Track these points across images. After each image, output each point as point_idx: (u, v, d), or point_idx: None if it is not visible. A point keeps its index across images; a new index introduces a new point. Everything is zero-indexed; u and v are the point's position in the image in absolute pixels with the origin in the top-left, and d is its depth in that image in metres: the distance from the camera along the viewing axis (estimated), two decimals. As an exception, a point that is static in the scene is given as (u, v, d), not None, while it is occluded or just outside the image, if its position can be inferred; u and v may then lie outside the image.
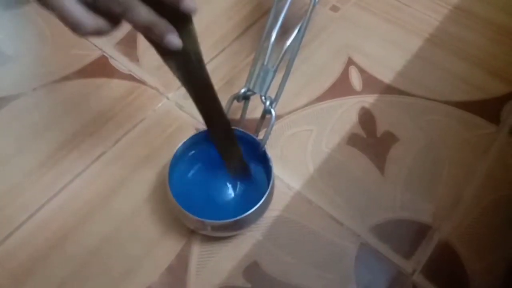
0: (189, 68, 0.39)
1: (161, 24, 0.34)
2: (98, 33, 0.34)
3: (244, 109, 0.51)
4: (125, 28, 0.36)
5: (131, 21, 0.34)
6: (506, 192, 0.50)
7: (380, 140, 0.53)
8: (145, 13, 0.33)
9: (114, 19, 0.34)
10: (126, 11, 0.33)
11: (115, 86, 0.57)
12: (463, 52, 0.62)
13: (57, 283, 0.44)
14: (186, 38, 0.36)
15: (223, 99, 0.48)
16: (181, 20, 0.36)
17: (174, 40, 0.35)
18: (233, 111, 0.50)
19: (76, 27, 0.32)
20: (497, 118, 0.55)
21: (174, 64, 0.38)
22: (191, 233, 0.46)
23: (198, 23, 0.37)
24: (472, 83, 0.59)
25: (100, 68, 0.59)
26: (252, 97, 0.50)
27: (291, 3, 0.51)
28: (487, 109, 0.56)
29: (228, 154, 0.46)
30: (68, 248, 0.46)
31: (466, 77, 0.59)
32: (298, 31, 0.50)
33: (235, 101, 0.49)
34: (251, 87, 0.48)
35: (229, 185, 0.48)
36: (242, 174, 0.47)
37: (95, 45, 0.61)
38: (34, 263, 0.44)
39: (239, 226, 0.44)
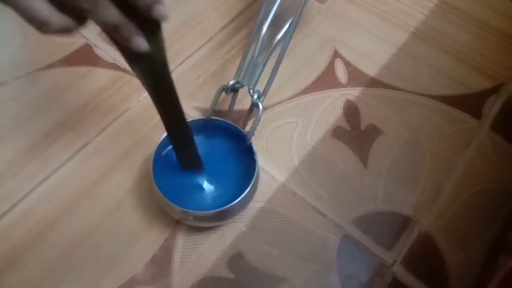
0: (153, 73, 0.38)
1: (128, 26, 0.33)
2: (64, 31, 0.32)
3: (232, 102, 0.51)
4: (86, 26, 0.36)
5: (98, 20, 0.32)
6: (486, 186, 0.51)
7: (364, 133, 0.54)
8: (113, 13, 0.32)
9: (80, 17, 0.32)
10: (93, 9, 0.31)
11: (99, 75, 0.57)
12: (448, 47, 0.63)
13: (40, 274, 0.43)
14: (153, 43, 0.35)
15: (209, 90, 0.48)
16: (150, 25, 0.34)
17: (141, 43, 0.34)
18: (220, 102, 0.50)
19: (41, 26, 0.31)
20: (479, 112, 0.56)
21: (138, 68, 0.37)
22: (175, 224, 0.46)
23: (184, 13, 0.37)
24: (456, 78, 0.59)
25: (84, 56, 0.58)
26: (241, 90, 0.50)
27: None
28: (470, 103, 0.57)
29: (186, 159, 0.46)
30: (51, 239, 0.45)
31: (450, 72, 0.60)
32: (289, 25, 0.50)
33: (223, 93, 0.49)
34: (239, 79, 0.48)
35: (214, 176, 0.48)
36: (193, 168, 0.47)
37: (80, 33, 0.60)
38: (16, 254, 0.44)
39: (222, 217, 0.45)
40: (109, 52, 0.59)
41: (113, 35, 0.34)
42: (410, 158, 0.52)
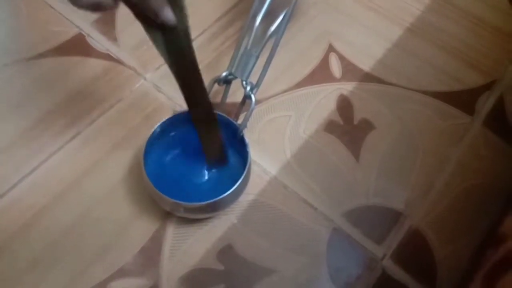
0: (177, 46, 0.38)
1: None
2: (99, 7, 0.32)
3: (225, 93, 0.51)
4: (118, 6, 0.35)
5: None
6: (476, 181, 0.51)
7: (357, 128, 0.54)
8: None
9: None
10: None
11: (92, 65, 0.56)
12: (442, 42, 0.63)
13: (28, 262, 0.43)
14: (177, 14, 0.36)
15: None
16: None
17: (169, 15, 0.35)
18: (212, 94, 0.50)
19: None
20: (472, 108, 0.57)
21: (162, 41, 0.37)
22: (166, 216, 0.46)
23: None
24: (449, 74, 0.59)
25: (77, 46, 0.58)
26: (234, 82, 0.49)
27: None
28: (463, 99, 0.57)
29: (208, 140, 0.46)
30: (40, 228, 0.45)
31: (444, 68, 0.60)
32: (283, 17, 0.49)
33: (215, 85, 0.49)
34: (232, 71, 0.48)
35: (205, 168, 0.48)
36: (219, 163, 0.47)
37: (72, 22, 0.60)
38: (5, 241, 0.44)
39: (213, 208, 0.44)
40: (102, 42, 0.58)
41: (143, 9, 0.34)
42: (402, 153, 0.53)
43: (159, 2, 0.34)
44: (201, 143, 0.46)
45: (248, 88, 0.48)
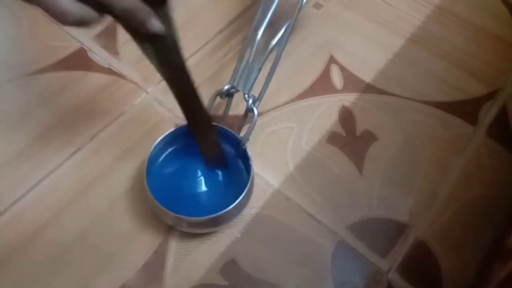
0: (166, 54, 0.38)
1: (143, 8, 0.34)
2: (84, 22, 0.33)
3: (227, 106, 0.50)
4: (104, 20, 0.36)
5: (116, 7, 0.33)
6: (481, 192, 0.51)
7: (360, 139, 0.54)
8: None
9: (99, 7, 0.33)
10: None
11: (93, 79, 0.56)
12: (444, 52, 0.63)
13: (30, 278, 0.43)
14: (165, 23, 0.36)
15: (204, 95, 0.48)
16: (158, 3, 0.35)
17: (156, 24, 0.35)
18: (215, 107, 0.50)
19: (61, 16, 0.32)
20: (474, 118, 0.56)
21: (151, 51, 0.37)
22: (168, 230, 0.46)
23: (179, 16, 0.37)
24: (451, 84, 0.59)
25: (78, 60, 0.58)
26: (236, 95, 0.49)
27: (279, 2, 0.51)
28: (465, 109, 0.57)
29: (206, 144, 0.46)
30: (42, 243, 0.45)
31: (446, 78, 0.60)
32: (285, 30, 0.49)
33: (218, 98, 0.49)
34: (235, 84, 0.48)
35: (208, 182, 0.47)
36: (218, 165, 0.47)
37: (74, 37, 0.60)
38: (7, 258, 0.44)
39: (216, 223, 0.44)
40: (104, 56, 0.59)
41: (129, 20, 0.34)
42: (405, 164, 0.52)
43: (144, 12, 0.34)
44: (199, 147, 0.46)
45: (251, 101, 0.48)
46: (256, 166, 0.50)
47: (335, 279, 0.44)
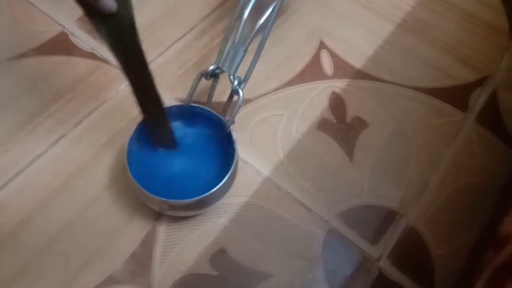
0: (120, 35, 0.36)
1: None
2: None
3: (212, 88, 0.49)
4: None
5: None
6: (471, 179, 0.51)
7: (350, 126, 0.53)
8: None
9: None
10: None
11: (76, 64, 0.54)
12: (435, 38, 0.62)
13: (14, 271, 0.41)
14: (121, 2, 0.34)
15: (191, 80, 0.47)
16: None
17: (109, 2, 0.33)
18: (201, 92, 0.48)
19: None
20: (465, 105, 0.56)
21: (105, 30, 0.35)
22: (156, 220, 0.45)
23: (165, 0, 0.35)
24: (442, 70, 0.59)
25: (60, 45, 0.56)
26: (222, 81, 0.48)
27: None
28: (455, 96, 0.57)
29: (157, 127, 0.44)
30: (26, 235, 0.43)
31: (436, 64, 0.59)
32: (272, 10, 0.48)
33: (204, 83, 0.47)
34: (220, 65, 0.47)
35: (192, 165, 0.46)
36: (167, 146, 0.46)
37: (55, 21, 0.58)
38: (-12, 251, 0.42)
39: (199, 206, 0.44)
40: (86, 40, 0.56)
41: None
42: (396, 151, 0.52)
43: None
44: (148, 128, 0.44)
45: (236, 82, 0.46)
46: (246, 154, 0.49)
47: (326, 267, 0.44)
